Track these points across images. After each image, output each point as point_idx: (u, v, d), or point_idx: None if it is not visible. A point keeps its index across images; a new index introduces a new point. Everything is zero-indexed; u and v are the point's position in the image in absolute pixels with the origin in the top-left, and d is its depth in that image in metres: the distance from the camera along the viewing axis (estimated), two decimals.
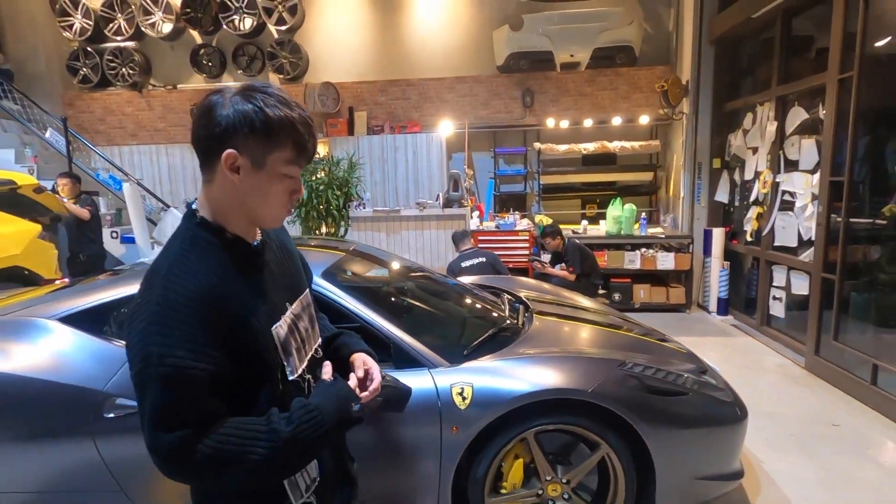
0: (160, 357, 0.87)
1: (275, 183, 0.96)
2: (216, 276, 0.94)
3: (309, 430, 0.95)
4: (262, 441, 0.91)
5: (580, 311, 3.07)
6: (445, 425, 1.95)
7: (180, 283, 0.91)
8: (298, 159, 0.97)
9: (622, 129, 6.78)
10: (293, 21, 7.05)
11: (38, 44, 7.31)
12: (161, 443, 0.87)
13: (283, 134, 0.93)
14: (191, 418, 0.88)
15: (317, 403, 0.98)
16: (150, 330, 0.88)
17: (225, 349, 0.92)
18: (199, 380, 0.88)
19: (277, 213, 1.01)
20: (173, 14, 7.10)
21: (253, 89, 0.95)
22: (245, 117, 0.91)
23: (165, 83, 7.49)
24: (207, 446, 0.88)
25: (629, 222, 5.79)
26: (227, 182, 0.95)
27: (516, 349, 2.25)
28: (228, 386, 0.93)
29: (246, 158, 0.93)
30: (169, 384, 0.87)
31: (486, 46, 6.99)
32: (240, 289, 0.97)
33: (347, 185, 5.66)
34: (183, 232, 1.00)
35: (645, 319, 5.25)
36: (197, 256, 0.95)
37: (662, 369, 2.20)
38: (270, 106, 0.92)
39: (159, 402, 0.87)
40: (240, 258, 1.00)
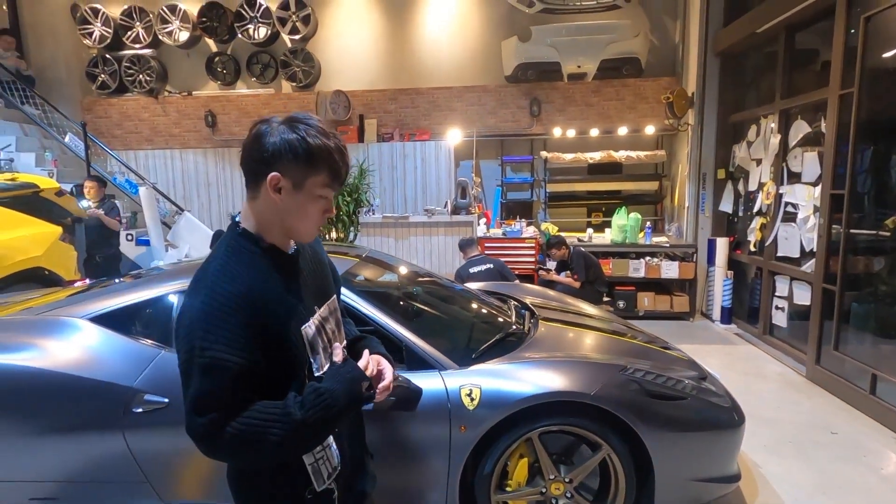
0: (202, 350, 0.99)
1: (311, 203, 1.10)
2: (255, 279, 1.07)
3: (320, 412, 1.04)
4: (279, 423, 1.01)
5: (585, 318, 3.17)
6: (454, 424, 2.05)
7: (222, 287, 1.04)
8: (333, 183, 1.11)
9: (628, 138, 6.88)
10: (306, 30, 7.22)
11: (59, 51, 7.52)
12: (195, 425, 1.00)
13: (321, 160, 1.06)
14: (223, 404, 1.00)
15: (327, 387, 1.08)
16: (194, 326, 1.01)
17: (260, 345, 1.04)
18: (234, 371, 1.00)
19: (311, 230, 1.15)
20: (190, 23, 7.28)
21: (297, 120, 1.09)
22: (290, 145, 1.04)
23: (181, 90, 7.67)
24: (233, 428, 0.99)
25: (634, 231, 5.88)
26: (269, 200, 1.08)
27: (522, 353, 2.35)
28: (261, 379, 1.05)
29: (288, 181, 1.06)
30: (207, 373, 0.99)
31: (495, 57, 7.12)
32: (276, 291, 1.10)
33: (357, 192, 5.79)
34: (227, 241, 1.13)
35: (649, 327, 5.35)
36: (238, 262, 1.08)
37: (663, 374, 2.29)
38: (312, 136, 1.06)
39: (198, 389, 1.00)
40: (276, 264, 1.12)
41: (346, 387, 1.10)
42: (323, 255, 1.35)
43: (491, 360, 2.26)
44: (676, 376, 2.35)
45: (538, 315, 2.94)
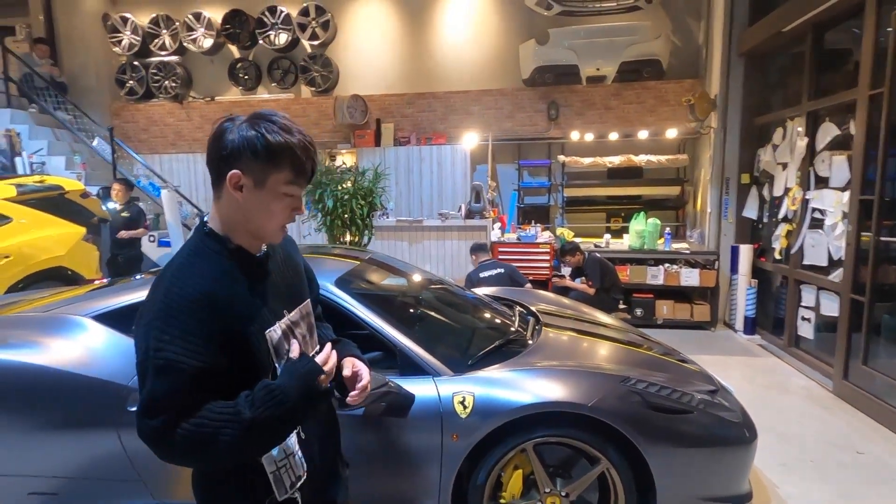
0: (156, 350, 0.97)
1: (276, 201, 1.06)
2: (216, 280, 1.05)
3: (271, 410, 1.00)
4: (231, 423, 0.98)
5: (598, 328, 3.05)
6: (446, 432, 2.00)
7: (181, 287, 1.02)
8: (297, 179, 1.07)
9: (649, 142, 6.72)
10: (325, 36, 7.31)
11: (90, 58, 7.80)
12: (147, 427, 0.97)
13: (282, 157, 1.03)
14: (176, 407, 0.97)
15: (279, 384, 1.04)
16: (151, 326, 0.99)
17: (218, 347, 1.01)
18: (189, 373, 0.97)
19: (277, 229, 1.11)
20: (214, 30, 7.47)
21: (259, 117, 1.05)
22: (248, 142, 1.02)
23: (204, 95, 7.86)
24: (184, 430, 0.96)
25: (653, 237, 5.72)
26: (232, 199, 1.06)
27: (521, 361, 2.29)
28: (220, 382, 1.02)
29: (249, 178, 1.03)
30: (161, 375, 0.97)
31: (512, 60, 7.07)
32: (238, 293, 1.07)
33: (372, 195, 5.80)
34: (192, 241, 1.12)
35: (667, 336, 5.20)
36: (200, 262, 1.06)
37: (667, 387, 2.19)
38: (272, 132, 1.03)
39: (151, 390, 0.97)
40: (242, 265, 1.10)
41: (298, 382, 1.05)
42: (298, 259, 1.32)
43: (488, 367, 2.20)
44: (683, 389, 2.24)
45: (543, 322, 2.86)
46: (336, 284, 2.33)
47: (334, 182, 5.63)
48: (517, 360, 2.29)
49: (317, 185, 5.65)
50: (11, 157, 6.56)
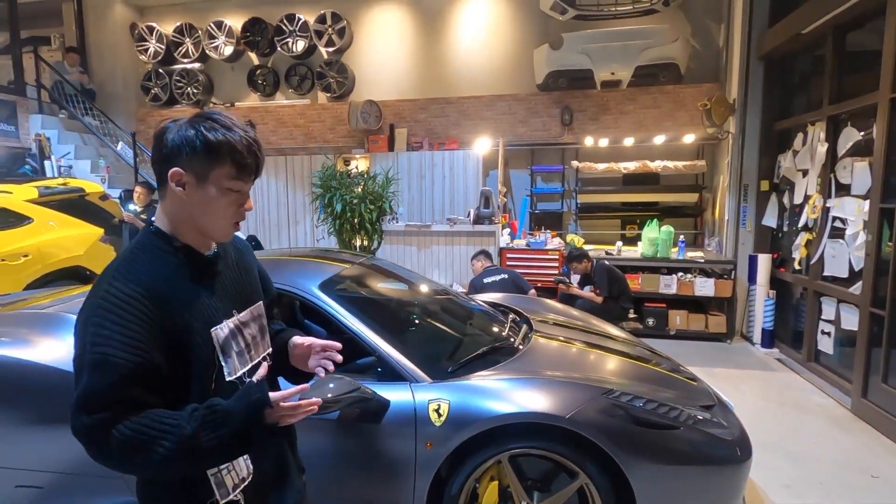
0: (92, 346, 0.97)
1: (220, 196, 1.06)
2: (157, 276, 1.05)
3: (209, 431, 0.98)
4: (169, 435, 0.96)
5: (604, 340, 2.94)
6: (420, 441, 1.96)
7: (121, 283, 1.01)
8: (241, 175, 1.07)
9: (665, 148, 6.56)
10: (341, 43, 7.41)
11: (118, 66, 8.10)
12: (80, 424, 0.96)
13: (222, 153, 1.04)
14: (111, 403, 0.96)
15: (224, 406, 1.02)
16: (89, 321, 0.99)
17: (157, 343, 1.00)
18: (125, 368, 0.96)
19: (225, 225, 1.11)
20: (234, 38, 7.66)
21: (200, 117, 1.07)
22: (188, 140, 1.03)
23: (224, 101, 8.05)
24: (121, 433, 0.95)
25: (666, 245, 5.56)
26: (175, 197, 1.06)
27: (504, 369, 2.24)
28: (159, 379, 1.01)
29: (191, 175, 1.04)
30: (96, 370, 0.96)
31: (526, 65, 7.02)
32: (181, 291, 1.07)
33: (381, 200, 5.82)
34: (138, 239, 1.12)
35: (681, 348, 5.06)
36: (142, 259, 1.07)
37: (654, 401, 2.11)
38: (211, 130, 1.04)
39: (86, 386, 0.96)
40: (188, 264, 1.10)
41: (244, 409, 1.01)
42: (251, 262, 1.31)
43: (468, 374, 2.16)
44: (672, 404, 2.15)
45: (535, 330, 2.80)
46: (320, 287, 2.34)
47: (344, 186, 5.68)
48: (500, 368, 2.24)
49: (326, 189, 5.71)
50: (41, 161, 6.86)
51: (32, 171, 6.75)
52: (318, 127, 7.68)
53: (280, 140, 7.81)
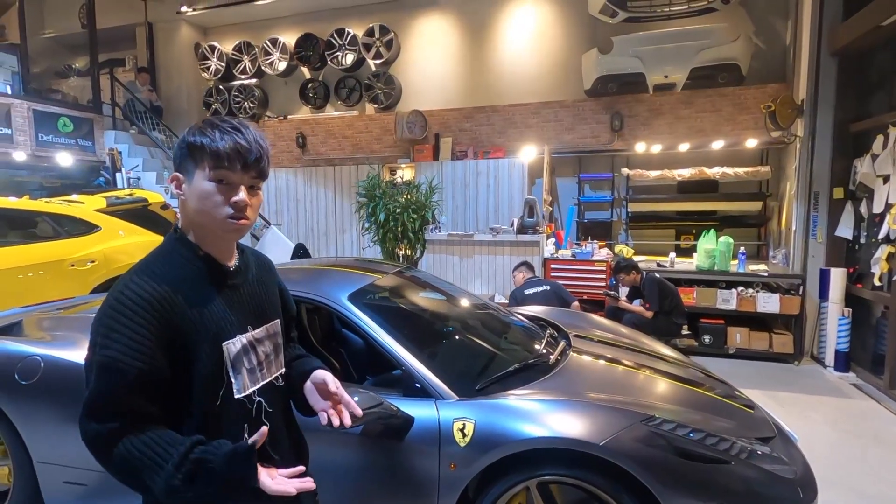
0: (100, 347, 0.97)
1: (207, 190, 1.05)
2: (176, 283, 1.04)
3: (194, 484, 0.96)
4: (159, 470, 0.96)
5: (653, 360, 2.73)
6: (444, 461, 1.88)
7: (137, 286, 1.02)
8: (221, 163, 1.04)
9: (724, 153, 6.16)
10: (389, 54, 7.54)
11: (183, 84, 8.63)
12: (87, 429, 0.97)
13: (202, 149, 1.05)
14: (117, 411, 0.96)
15: (215, 464, 0.98)
16: (101, 322, 1.00)
17: (164, 351, 1.00)
18: (129, 374, 0.96)
19: (220, 220, 1.06)
20: (287, 53, 7.97)
21: (198, 123, 1.09)
22: (178, 146, 1.10)
23: (278, 114, 8.38)
24: (122, 450, 0.96)
25: (724, 257, 5.19)
26: (180, 202, 1.10)
27: (535, 388, 2.12)
28: (163, 387, 1.01)
29: (184, 174, 1.08)
30: (103, 374, 0.97)
31: (574, 71, 6.84)
32: (196, 299, 1.06)
33: (424, 209, 5.82)
34: (163, 243, 1.13)
35: (742, 368, 4.71)
36: (163, 263, 1.07)
37: (701, 430, 1.92)
38: (192, 132, 1.07)
39: (94, 389, 0.97)
40: (209, 273, 1.10)
41: (232, 477, 0.99)
42: (272, 279, 1.30)
43: (497, 393, 2.06)
44: (723, 434, 1.95)
45: (574, 347, 2.65)
46: (349, 298, 2.32)
47: (387, 196, 5.72)
48: (531, 387, 2.12)
49: (371, 198, 5.78)
50: (113, 173, 7.40)
51: (106, 183, 7.29)
52: (366, 137, 7.83)
53: (329, 151, 8.03)
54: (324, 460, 1.97)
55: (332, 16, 7.87)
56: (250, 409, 1.13)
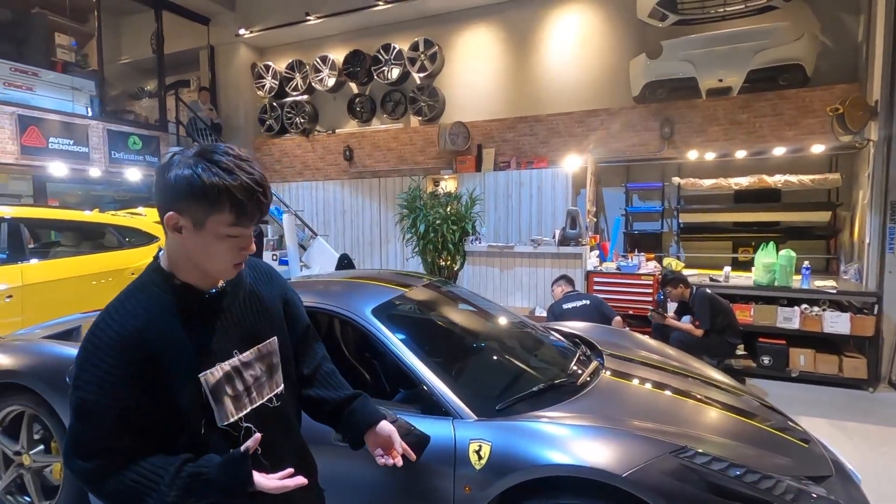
0: (75, 388, 0.99)
1: (218, 242, 1.01)
2: (148, 318, 1.02)
3: (189, 497, 0.98)
4: (153, 493, 0.97)
5: (701, 386, 2.53)
6: (458, 483, 1.82)
7: (106, 324, 1.02)
8: (240, 220, 0.99)
9: (787, 160, 5.74)
10: (433, 67, 7.62)
11: (240, 102, 9.11)
12: (73, 466, 0.99)
13: (220, 199, 0.96)
14: (98, 449, 0.97)
15: (210, 474, 1.00)
16: (77, 363, 1.01)
17: (140, 387, 0.99)
18: (105, 415, 0.97)
19: (224, 268, 1.06)
20: (336, 70, 8.24)
21: (202, 154, 0.99)
22: (187, 181, 0.96)
23: (327, 129, 8.66)
24: (112, 482, 0.97)
25: (785, 271, 4.80)
26: (173, 240, 1.02)
27: (559, 410, 2.02)
28: (143, 420, 1.00)
29: (188, 219, 0.98)
30: (78, 413, 0.98)
31: (620, 78, 6.63)
32: (170, 332, 1.03)
33: (464, 220, 5.79)
34: (140, 276, 1.10)
35: (806, 393, 4.32)
36: (137, 299, 1.05)
37: (741, 466, 1.75)
38: (207, 172, 0.96)
39: (72, 429, 0.99)
40: (183, 304, 1.05)
41: (227, 484, 1.01)
42: (271, 293, 1.24)
43: (518, 414, 1.98)
44: (769, 471, 1.77)
45: (607, 366, 2.52)
46: (373, 312, 2.31)
47: (426, 207, 5.75)
48: (555, 409, 2.02)
49: (411, 210, 5.83)
50: None
51: None
52: (410, 149, 7.93)
53: (375, 163, 8.19)
54: (337, 473, 1.97)
55: (379, 32, 8.07)
56: (237, 437, 1.10)
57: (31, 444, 2.54)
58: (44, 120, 6.79)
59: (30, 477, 2.53)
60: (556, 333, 3.05)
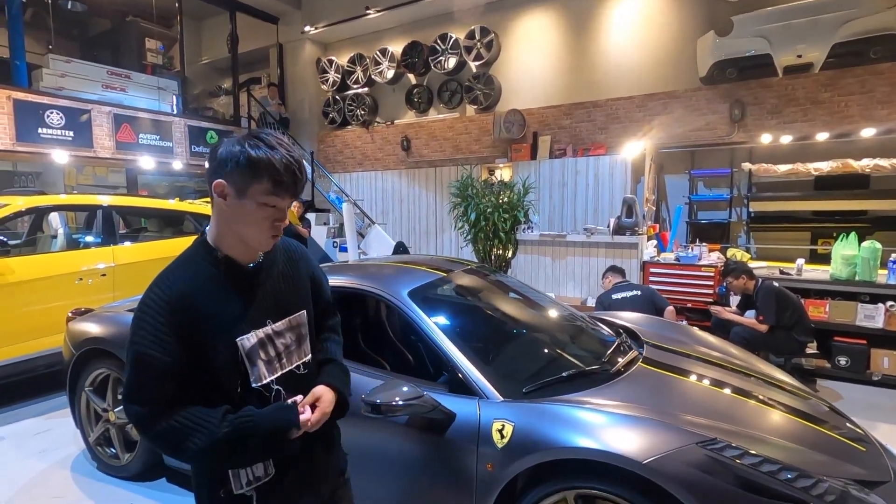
0: (131, 344, 1.13)
1: (256, 210, 1.13)
2: (190, 286, 1.15)
3: (238, 433, 1.11)
4: (202, 432, 1.10)
5: (761, 386, 2.39)
6: (481, 460, 1.88)
7: (159, 289, 1.16)
8: (277, 191, 1.12)
9: (878, 143, 5.20)
10: (489, 55, 7.59)
11: (306, 96, 9.55)
12: (130, 411, 1.13)
13: (261, 170, 1.10)
14: (152, 396, 1.12)
15: (256, 415, 1.14)
16: (133, 322, 1.16)
17: (185, 346, 1.13)
18: (157, 367, 1.11)
19: (262, 238, 1.18)
20: (395, 62, 8.42)
21: (249, 135, 1.14)
22: (232, 155, 1.11)
23: (386, 120, 8.89)
24: (164, 424, 1.11)
25: (868, 265, 4.36)
26: (218, 207, 1.16)
27: (586, 397, 2.01)
28: (188, 377, 1.14)
29: (232, 188, 1.12)
30: (134, 365, 1.13)
31: (686, 59, 6.26)
32: (213, 299, 1.16)
33: (516, 209, 5.76)
34: (188, 247, 1.24)
35: (887, 399, 3.94)
36: (184, 268, 1.19)
37: (776, 462, 1.67)
38: (254, 148, 1.11)
39: (129, 378, 1.14)
40: (225, 275, 1.19)
41: (272, 424, 1.16)
42: (303, 271, 1.36)
43: (544, 397, 2.00)
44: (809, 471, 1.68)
45: (646, 356, 2.46)
46: (409, 294, 2.41)
47: (478, 196, 5.77)
48: (582, 395, 2.02)
49: (463, 198, 5.88)
50: None
51: None
52: (465, 139, 7.97)
53: (431, 153, 8.31)
54: (367, 446, 2.09)
55: (436, 22, 8.13)
56: (268, 397, 1.22)
57: (116, 403, 2.89)
58: (135, 118, 7.51)
59: (114, 431, 2.88)
60: (602, 324, 3.00)
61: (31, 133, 6.47)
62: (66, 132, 6.78)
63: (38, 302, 3.99)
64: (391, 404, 1.81)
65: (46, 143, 6.61)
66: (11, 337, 3.85)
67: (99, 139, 7.07)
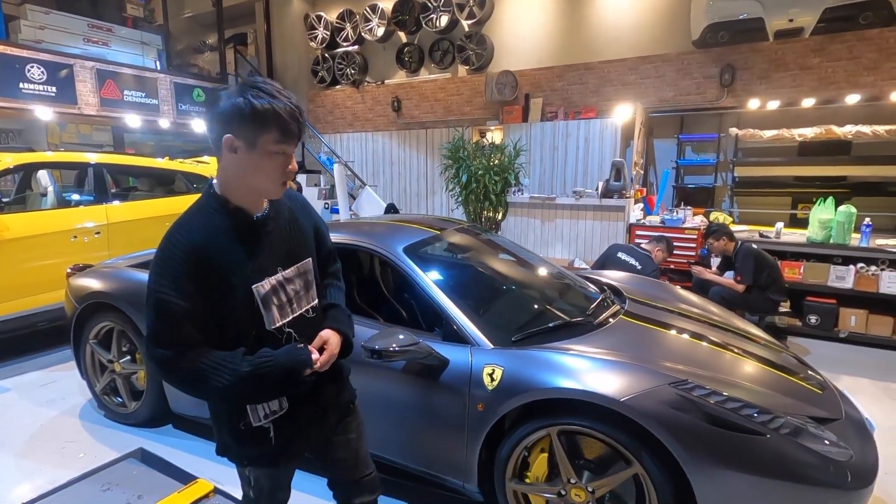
0: (153, 291, 1.19)
1: (267, 159, 1.18)
2: (205, 235, 1.21)
3: (258, 370, 1.20)
4: (226, 371, 1.19)
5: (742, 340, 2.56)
6: (472, 402, 2.04)
7: (176, 238, 1.22)
8: (285, 139, 1.17)
9: (861, 109, 5.31)
10: (481, 14, 7.45)
11: (294, 55, 9.32)
12: (155, 353, 1.20)
13: (268, 120, 1.14)
14: (173, 339, 1.18)
15: (274, 354, 1.24)
16: (153, 270, 1.22)
17: (203, 292, 1.20)
18: (178, 312, 1.17)
19: (272, 185, 1.24)
20: (385, 19, 8.22)
21: (248, 85, 1.16)
22: (238, 108, 1.13)
23: (376, 80, 8.75)
24: (187, 366, 1.18)
25: (843, 228, 4.55)
26: (229, 160, 1.19)
27: (570, 344, 2.17)
28: (207, 322, 1.21)
29: (241, 141, 1.15)
30: (155, 311, 1.19)
31: (679, 21, 6.24)
32: (227, 248, 1.23)
33: (506, 171, 5.84)
34: (199, 199, 1.31)
35: (852, 354, 4.22)
36: (198, 218, 1.24)
37: (739, 400, 1.85)
38: (258, 98, 1.13)
39: (150, 324, 1.20)
40: (236, 225, 1.24)
41: (288, 362, 1.25)
42: (307, 220, 1.44)
43: (533, 345, 2.15)
44: (768, 408, 1.86)
45: (628, 311, 2.62)
46: (404, 250, 2.51)
47: (470, 157, 5.82)
48: (566, 343, 2.17)
49: (454, 160, 5.93)
50: None
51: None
52: (457, 100, 7.91)
53: (422, 114, 8.25)
54: (368, 390, 2.23)
55: None
56: (281, 339, 1.31)
57: (121, 354, 3.00)
58: (119, 74, 7.32)
59: (120, 381, 3.01)
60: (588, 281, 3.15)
61: (11, 88, 6.30)
62: (48, 87, 6.61)
63: (36, 259, 4.04)
64: (389, 349, 1.94)
65: (28, 99, 6.45)
66: (11, 292, 3.91)
67: (83, 95, 6.91)
